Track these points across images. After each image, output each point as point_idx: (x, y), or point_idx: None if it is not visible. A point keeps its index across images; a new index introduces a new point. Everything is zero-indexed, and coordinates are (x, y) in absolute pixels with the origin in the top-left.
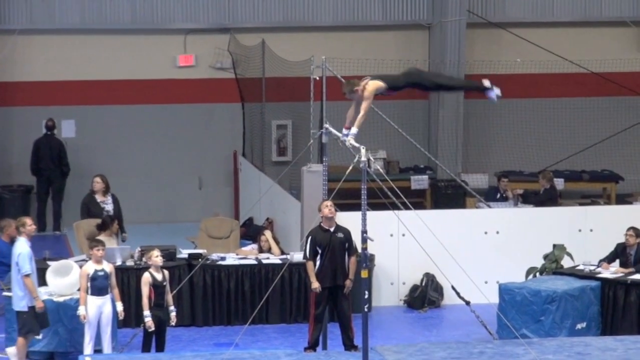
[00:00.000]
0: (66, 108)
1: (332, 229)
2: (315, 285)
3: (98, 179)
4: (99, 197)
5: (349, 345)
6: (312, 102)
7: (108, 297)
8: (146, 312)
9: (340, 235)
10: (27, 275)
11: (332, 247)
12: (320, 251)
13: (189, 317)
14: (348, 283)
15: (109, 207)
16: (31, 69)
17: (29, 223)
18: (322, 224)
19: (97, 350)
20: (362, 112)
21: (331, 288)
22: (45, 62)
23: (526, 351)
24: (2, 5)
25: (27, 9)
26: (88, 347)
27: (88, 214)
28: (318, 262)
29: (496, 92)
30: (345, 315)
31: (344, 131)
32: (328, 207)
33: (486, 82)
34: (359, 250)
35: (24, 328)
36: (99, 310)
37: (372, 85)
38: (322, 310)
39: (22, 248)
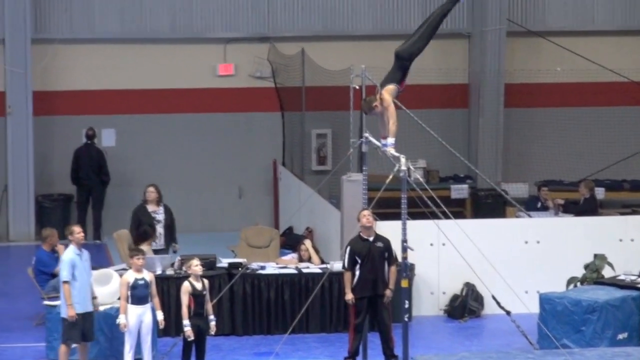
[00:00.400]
0: (106, 117)
1: (371, 239)
2: (349, 296)
3: (152, 189)
4: (150, 207)
5: (389, 354)
6: (351, 111)
7: (148, 306)
8: (185, 322)
9: (379, 244)
10: (65, 282)
11: (372, 256)
12: (359, 261)
13: (229, 326)
14: (388, 293)
15: (159, 217)
16: (71, 78)
17: (77, 231)
18: (361, 234)
19: (137, 359)
20: (391, 120)
21: (371, 297)
22: (86, 71)
23: None
24: (43, 15)
25: (67, 18)
26: (128, 356)
27: (139, 224)
28: (357, 272)
29: None
30: (385, 324)
31: (382, 141)
32: (366, 216)
33: None
34: (399, 259)
35: (64, 335)
36: (139, 319)
37: (387, 93)
38: (362, 320)
39: (65, 255)
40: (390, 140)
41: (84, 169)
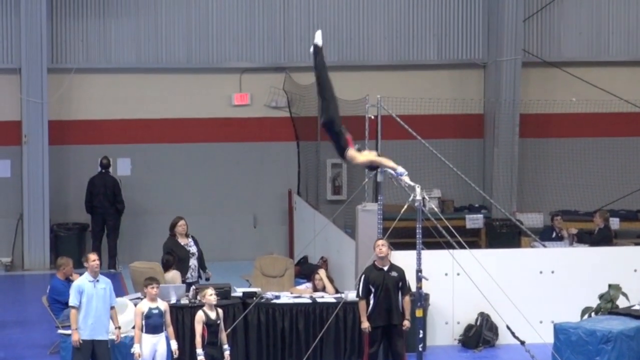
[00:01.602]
0: (122, 146)
1: (385, 268)
2: (365, 325)
3: (183, 222)
4: (181, 240)
5: None
6: (367, 140)
7: (162, 335)
8: (199, 351)
9: (394, 274)
10: (71, 307)
11: (386, 285)
12: (373, 290)
13: (244, 355)
14: (407, 324)
15: (193, 249)
16: (87, 108)
17: (92, 259)
18: (375, 263)
19: None
20: (381, 161)
21: (385, 327)
22: (101, 101)
23: None
24: (59, 44)
25: (83, 47)
26: None
27: (173, 262)
28: (372, 301)
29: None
30: (399, 354)
31: (392, 172)
32: (379, 246)
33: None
34: (414, 289)
35: None
36: (153, 348)
37: (351, 154)
38: (376, 349)
39: (77, 280)
40: (400, 169)
41: (98, 197)
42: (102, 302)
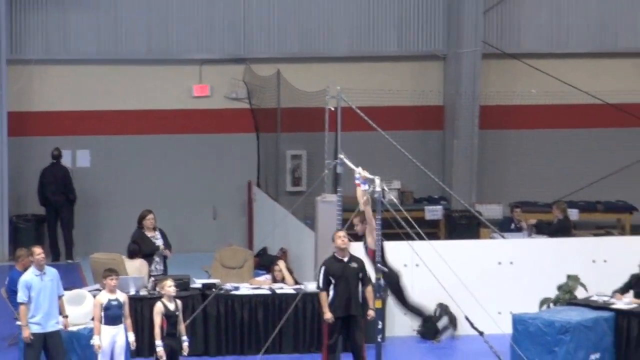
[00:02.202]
0: (81, 138)
1: (345, 259)
2: (328, 315)
3: (151, 217)
4: (148, 233)
5: None
6: (326, 132)
7: (121, 326)
8: (158, 342)
9: (354, 265)
10: (20, 304)
11: (346, 277)
12: (333, 281)
13: (202, 346)
14: (371, 314)
15: (159, 242)
16: (47, 99)
17: (37, 252)
18: (335, 254)
19: None
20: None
21: (344, 318)
22: (61, 92)
23: None
24: (19, 36)
25: (43, 39)
26: None
27: (139, 251)
28: (332, 292)
29: None
30: (357, 345)
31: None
32: (341, 237)
33: None
34: (373, 280)
35: (23, 357)
36: (112, 339)
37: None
38: (335, 340)
39: (24, 276)
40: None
41: (50, 188)
42: (50, 294)
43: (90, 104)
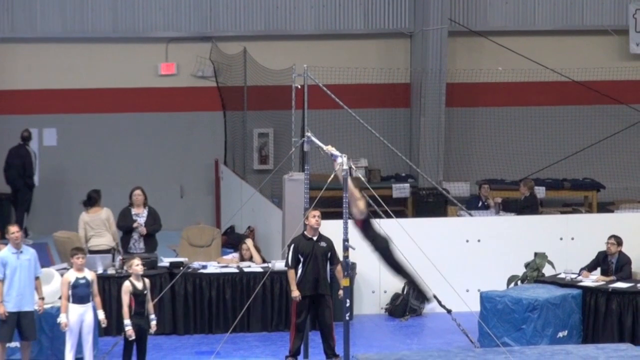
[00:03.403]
0: (48, 116)
1: (315, 238)
2: (296, 294)
3: (138, 192)
4: (136, 210)
5: (330, 354)
6: (293, 110)
7: (90, 305)
8: (126, 321)
9: (323, 244)
10: None
11: (315, 255)
12: (302, 259)
13: (171, 325)
14: (341, 293)
15: (141, 220)
16: (12, 77)
17: (12, 230)
18: (305, 233)
19: (79, 359)
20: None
21: (312, 296)
22: (27, 71)
23: (507, 359)
24: None
25: (8, 17)
26: (69, 356)
27: (118, 226)
28: (300, 271)
29: None
30: (326, 324)
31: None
32: (316, 217)
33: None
34: (341, 258)
35: None
36: (80, 318)
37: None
38: (303, 319)
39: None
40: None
41: (12, 169)
42: (26, 273)
43: (56, 83)
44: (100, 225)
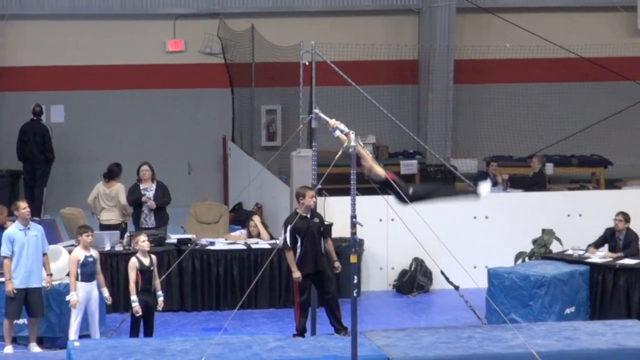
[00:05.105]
0: (55, 93)
1: (309, 216)
2: (297, 274)
3: (145, 167)
4: (144, 184)
5: (338, 327)
6: (301, 87)
7: (95, 282)
8: (133, 297)
9: (316, 220)
10: (5, 257)
11: (311, 233)
12: (300, 238)
13: (178, 302)
14: (337, 265)
15: (150, 193)
16: (20, 54)
17: (22, 206)
18: (299, 211)
19: (85, 336)
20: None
21: (314, 274)
22: (35, 48)
23: (515, 336)
24: None
25: None
26: (73, 328)
27: (128, 201)
28: (299, 250)
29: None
30: (331, 296)
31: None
32: (314, 197)
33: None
34: (348, 235)
35: (4, 310)
36: (87, 296)
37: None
38: (307, 297)
39: (7, 230)
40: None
41: (29, 145)
42: (34, 250)
43: (64, 59)
44: (113, 200)
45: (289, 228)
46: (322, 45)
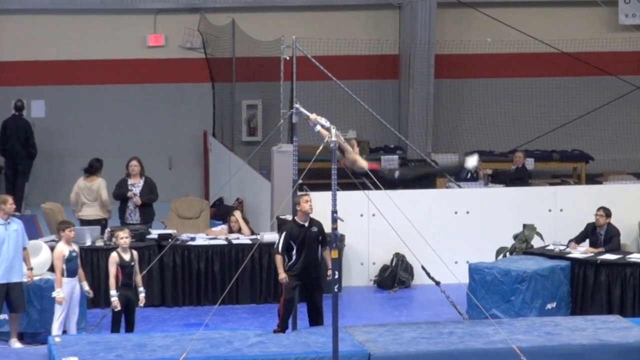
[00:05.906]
0: (36, 88)
1: (306, 224)
2: (283, 275)
3: (135, 162)
4: (132, 180)
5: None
6: (282, 82)
7: (77, 278)
8: (113, 292)
9: (314, 229)
10: None
11: (308, 242)
12: (295, 246)
13: (159, 297)
14: (330, 273)
15: (137, 189)
16: (1, 49)
17: (10, 202)
18: (296, 219)
19: (64, 332)
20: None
21: (305, 281)
22: (15, 42)
23: (496, 331)
24: None
25: None
26: (56, 324)
27: (113, 195)
28: (294, 257)
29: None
30: (316, 307)
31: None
32: (309, 202)
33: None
34: (329, 230)
35: None
36: (71, 291)
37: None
38: (292, 296)
39: None
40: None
41: (11, 140)
42: (14, 244)
43: (44, 54)
44: (93, 194)
45: (283, 235)
46: (303, 40)
